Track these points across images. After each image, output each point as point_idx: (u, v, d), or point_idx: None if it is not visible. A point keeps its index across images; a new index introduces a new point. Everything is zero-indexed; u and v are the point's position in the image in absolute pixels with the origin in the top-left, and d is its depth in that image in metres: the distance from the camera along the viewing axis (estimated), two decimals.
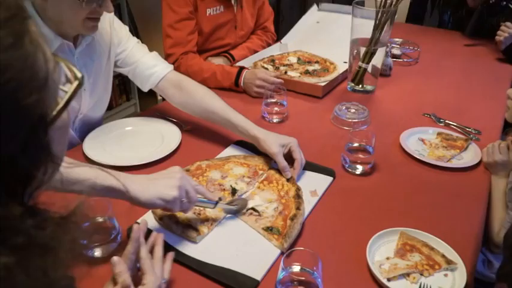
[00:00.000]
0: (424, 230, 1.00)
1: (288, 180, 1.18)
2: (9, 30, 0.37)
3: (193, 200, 0.96)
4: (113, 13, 1.25)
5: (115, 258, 0.79)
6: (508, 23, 2.11)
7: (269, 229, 1.02)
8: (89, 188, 0.85)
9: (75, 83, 0.45)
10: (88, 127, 1.42)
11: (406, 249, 0.96)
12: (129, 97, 3.35)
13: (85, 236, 0.77)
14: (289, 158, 1.22)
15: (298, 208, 1.07)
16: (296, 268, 0.85)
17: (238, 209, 1.06)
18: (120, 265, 0.79)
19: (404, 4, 3.05)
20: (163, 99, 1.53)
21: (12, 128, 0.38)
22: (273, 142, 1.21)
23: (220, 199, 1.05)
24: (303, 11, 3.88)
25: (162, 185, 0.92)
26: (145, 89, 1.41)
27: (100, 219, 0.96)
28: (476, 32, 2.40)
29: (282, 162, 1.19)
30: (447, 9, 3.43)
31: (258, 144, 1.25)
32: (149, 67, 1.38)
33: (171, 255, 0.88)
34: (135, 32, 2.36)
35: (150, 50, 1.44)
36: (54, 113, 0.43)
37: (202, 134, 1.43)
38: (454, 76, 1.96)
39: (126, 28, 1.41)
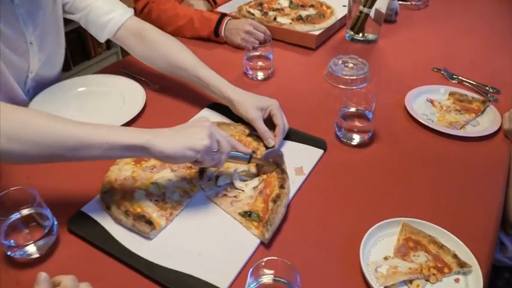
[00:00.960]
0: (431, 220, 0.81)
1: (268, 148, 0.99)
2: None
3: (226, 150, 0.84)
4: None
5: (42, 276, 0.61)
6: None
7: (247, 214, 0.83)
8: (106, 152, 0.74)
9: None
10: (44, 88, 1.20)
11: (409, 247, 0.78)
12: (109, 45, 3.07)
13: None
14: (269, 123, 1.02)
15: (282, 186, 0.88)
16: (267, 279, 0.67)
17: (274, 163, 0.94)
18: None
19: None
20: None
21: None
22: (251, 105, 1.02)
23: (254, 151, 0.91)
24: None
25: (191, 134, 0.79)
26: (102, 40, 1.19)
27: (27, 212, 0.77)
28: None
29: (262, 128, 1.00)
30: None
31: (233, 108, 1.05)
32: (105, 13, 1.14)
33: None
34: None
35: None
36: None
37: (173, 94, 1.22)
38: (470, 22, 1.70)
39: None
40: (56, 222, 0.79)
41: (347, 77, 1.27)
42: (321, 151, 1.01)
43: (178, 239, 0.80)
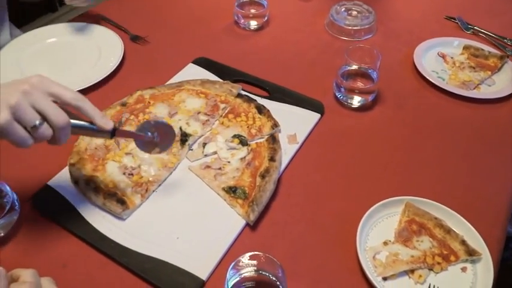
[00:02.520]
0: (438, 200, 0.73)
1: (260, 111, 0.88)
2: None
3: (60, 123, 0.58)
4: None
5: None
6: None
7: (231, 190, 0.75)
8: None
9: None
10: None
11: (412, 230, 0.70)
12: None
13: None
14: None
15: (272, 159, 0.78)
16: (249, 270, 0.59)
17: (157, 142, 0.72)
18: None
19: None
20: None
21: None
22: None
23: (117, 124, 0.75)
24: None
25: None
26: None
27: None
28: None
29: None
30: None
31: None
32: None
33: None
34: None
35: None
36: None
37: (156, 46, 1.09)
38: None
39: None
40: (16, 197, 0.71)
41: (350, 27, 1.14)
42: (318, 115, 0.91)
43: (154, 220, 0.71)
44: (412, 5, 1.30)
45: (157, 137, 0.71)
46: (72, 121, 0.60)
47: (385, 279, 0.65)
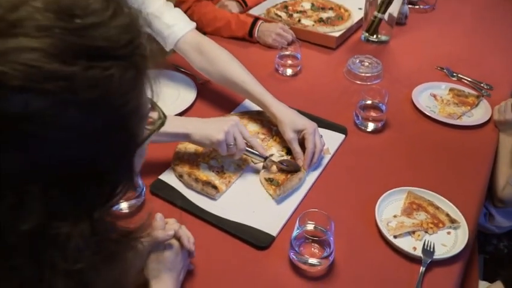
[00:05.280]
0: (431, 189, 1.06)
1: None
2: (133, 65, 0.43)
3: (240, 147, 1.06)
4: None
5: (158, 215, 0.86)
6: None
7: (270, 180, 1.09)
8: (157, 137, 0.92)
9: (159, 122, 0.53)
10: None
11: (412, 208, 1.02)
12: None
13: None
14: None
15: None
16: (310, 226, 0.92)
17: (288, 170, 1.10)
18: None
19: None
20: None
21: (115, 146, 0.44)
22: (289, 126, 1.14)
23: (271, 155, 1.13)
24: None
25: (212, 128, 1.04)
26: (167, 49, 1.33)
27: None
28: None
29: (295, 149, 1.13)
30: None
31: (276, 122, 1.19)
32: (167, 26, 1.27)
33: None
34: None
35: None
36: (141, 140, 0.49)
37: (217, 87, 1.46)
38: (472, 25, 1.92)
39: None
40: (144, 188, 1.04)
41: (363, 74, 1.51)
42: (343, 136, 1.25)
43: (236, 200, 1.05)
44: (410, 57, 1.68)
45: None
46: (247, 149, 1.08)
47: (395, 237, 0.97)
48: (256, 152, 1.10)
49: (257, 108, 1.32)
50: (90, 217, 0.43)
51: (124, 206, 1.02)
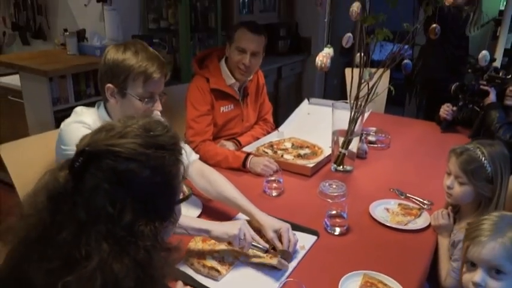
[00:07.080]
0: (383, 273, 1.40)
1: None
2: (175, 154, 0.90)
3: (248, 241, 1.41)
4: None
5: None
6: None
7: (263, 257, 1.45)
8: (186, 230, 1.38)
9: (188, 193, 0.99)
10: None
11: (367, 285, 1.36)
12: None
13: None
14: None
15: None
16: None
17: (282, 257, 1.43)
18: None
19: (382, 96, 3.60)
20: None
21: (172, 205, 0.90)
22: (269, 229, 1.51)
23: (270, 248, 1.47)
24: (299, 98, 4.50)
25: (228, 226, 1.43)
26: None
27: None
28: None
29: (276, 244, 1.48)
30: (422, 98, 4.07)
31: (258, 224, 1.58)
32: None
33: None
34: None
35: None
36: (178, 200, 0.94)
37: (216, 203, 1.87)
38: (418, 158, 2.43)
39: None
40: None
41: (331, 193, 1.94)
42: (315, 237, 1.63)
43: (233, 281, 1.38)
44: (369, 182, 2.13)
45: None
46: (253, 243, 1.42)
47: None
48: (260, 246, 1.44)
49: (246, 217, 1.71)
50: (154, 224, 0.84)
51: None
